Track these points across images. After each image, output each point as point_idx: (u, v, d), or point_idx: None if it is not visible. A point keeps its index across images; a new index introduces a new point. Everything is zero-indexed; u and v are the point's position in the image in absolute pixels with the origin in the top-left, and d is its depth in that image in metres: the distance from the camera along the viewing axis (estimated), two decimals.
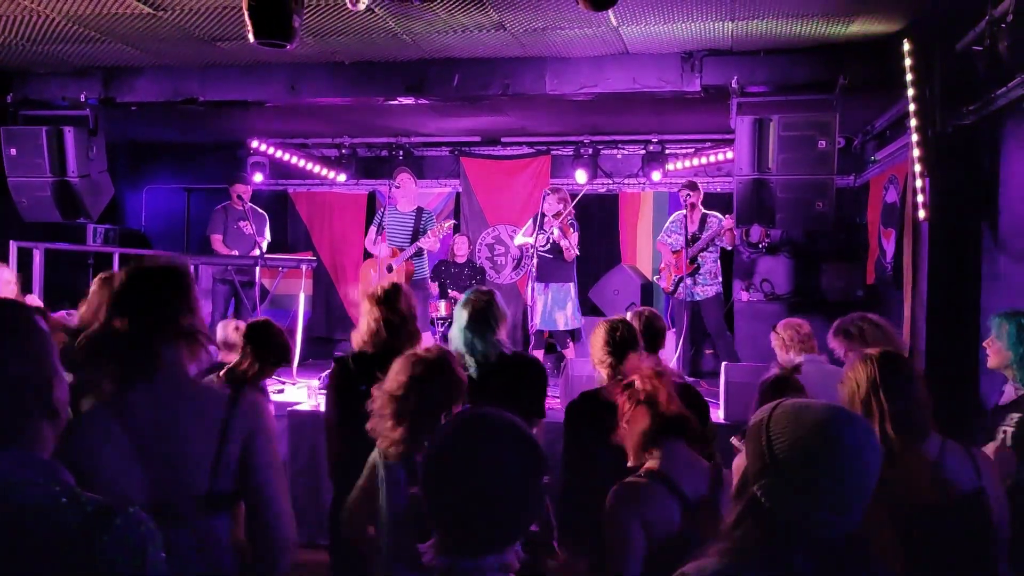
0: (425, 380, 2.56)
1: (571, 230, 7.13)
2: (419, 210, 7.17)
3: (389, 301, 3.49)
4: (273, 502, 2.00)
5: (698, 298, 7.10)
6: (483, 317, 3.62)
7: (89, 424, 1.90)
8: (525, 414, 3.66)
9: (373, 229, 7.17)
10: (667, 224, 7.55)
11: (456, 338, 3.68)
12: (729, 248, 7.11)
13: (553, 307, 7.19)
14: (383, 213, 7.23)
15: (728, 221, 6.87)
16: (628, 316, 3.82)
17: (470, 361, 3.60)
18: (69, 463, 1.45)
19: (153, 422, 1.91)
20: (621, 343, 3.37)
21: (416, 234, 7.01)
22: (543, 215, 7.01)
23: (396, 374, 2.60)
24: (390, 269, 7.00)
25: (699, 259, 7.09)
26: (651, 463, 2.46)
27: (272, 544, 2.00)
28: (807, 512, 1.42)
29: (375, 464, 2.62)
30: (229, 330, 4.56)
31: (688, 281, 7.04)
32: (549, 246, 7.11)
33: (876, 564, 1.50)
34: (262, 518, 1.99)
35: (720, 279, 7.17)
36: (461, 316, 3.66)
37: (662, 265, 7.45)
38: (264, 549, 2.00)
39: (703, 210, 7.17)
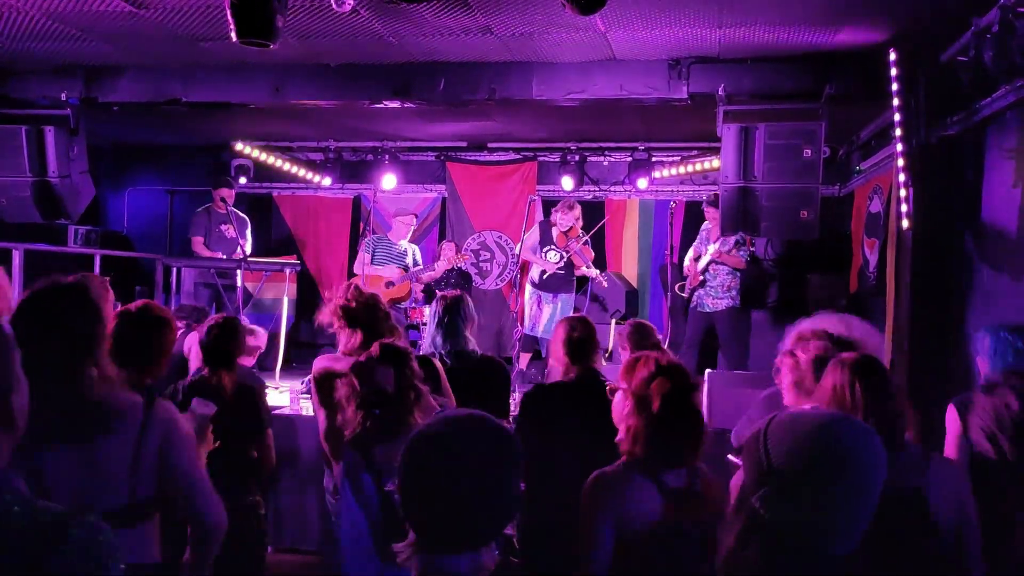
0: (368, 367, 2.59)
1: (588, 249, 7.33)
2: (412, 247, 7.62)
3: (367, 317, 3.36)
4: (199, 495, 2.19)
5: (708, 309, 7.14)
6: (451, 317, 3.75)
7: None
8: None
9: (367, 256, 7.45)
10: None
11: (426, 338, 3.82)
12: (738, 268, 7.11)
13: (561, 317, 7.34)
14: (373, 241, 7.56)
15: (716, 253, 6.99)
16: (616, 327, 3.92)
17: (440, 358, 3.68)
18: None
19: (59, 455, 1.93)
20: (579, 343, 3.39)
21: (406, 268, 7.47)
22: (549, 226, 7.21)
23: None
24: (389, 285, 7.28)
25: (708, 272, 7.13)
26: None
27: (204, 528, 2.21)
28: (805, 522, 1.37)
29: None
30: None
31: (700, 292, 7.18)
32: (563, 263, 7.25)
33: None
34: (193, 508, 2.19)
35: (734, 293, 7.13)
36: (431, 317, 3.81)
37: (685, 272, 7.51)
38: (197, 533, 2.21)
39: None
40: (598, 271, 7.45)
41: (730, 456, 2.55)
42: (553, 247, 7.30)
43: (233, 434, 3.01)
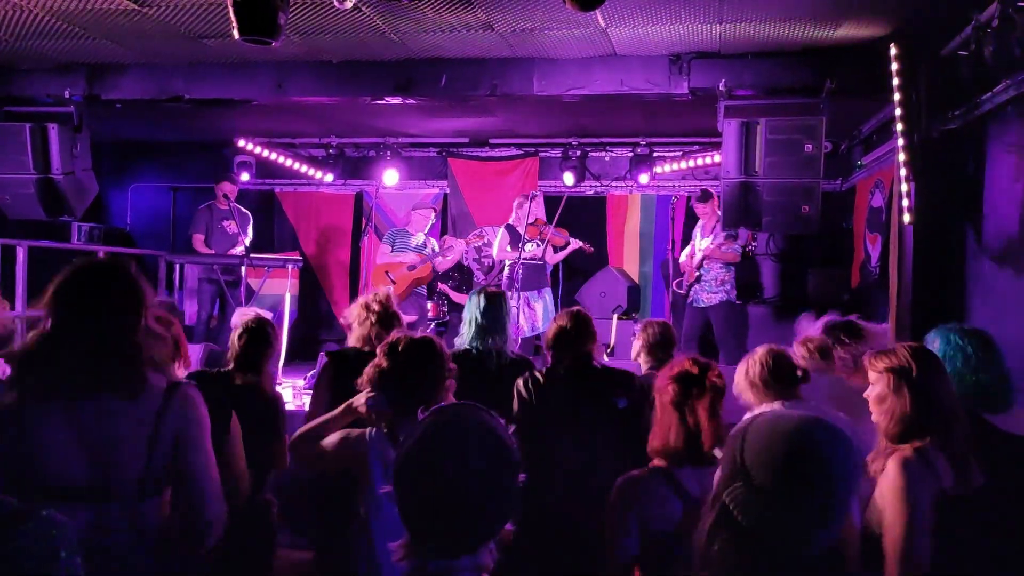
0: (406, 352, 2.56)
1: (560, 229, 7.36)
2: (429, 239, 7.96)
3: (385, 313, 3.53)
4: (200, 483, 2.14)
5: (703, 304, 7.20)
6: (497, 311, 3.67)
7: (32, 407, 1.99)
8: None
9: (388, 248, 7.86)
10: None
11: (464, 331, 3.70)
12: (732, 263, 7.18)
13: (553, 311, 7.42)
14: (393, 234, 8.00)
15: (708, 250, 7.09)
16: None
17: (477, 354, 3.62)
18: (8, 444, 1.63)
19: (93, 410, 2.02)
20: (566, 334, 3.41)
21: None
22: (513, 227, 7.33)
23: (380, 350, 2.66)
24: (411, 268, 7.61)
25: (703, 267, 7.20)
26: (658, 460, 2.46)
27: (199, 521, 2.13)
28: (774, 522, 1.36)
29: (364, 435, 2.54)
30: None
31: (696, 287, 7.26)
32: (544, 251, 7.29)
33: None
34: (190, 499, 2.13)
35: (729, 287, 7.20)
36: (475, 309, 3.67)
37: (681, 269, 7.59)
38: (192, 526, 2.13)
39: (719, 214, 7.16)
40: (579, 241, 7.61)
41: (715, 450, 2.56)
42: (528, 241, 7.36)
43: (249, 433, 3.08)
